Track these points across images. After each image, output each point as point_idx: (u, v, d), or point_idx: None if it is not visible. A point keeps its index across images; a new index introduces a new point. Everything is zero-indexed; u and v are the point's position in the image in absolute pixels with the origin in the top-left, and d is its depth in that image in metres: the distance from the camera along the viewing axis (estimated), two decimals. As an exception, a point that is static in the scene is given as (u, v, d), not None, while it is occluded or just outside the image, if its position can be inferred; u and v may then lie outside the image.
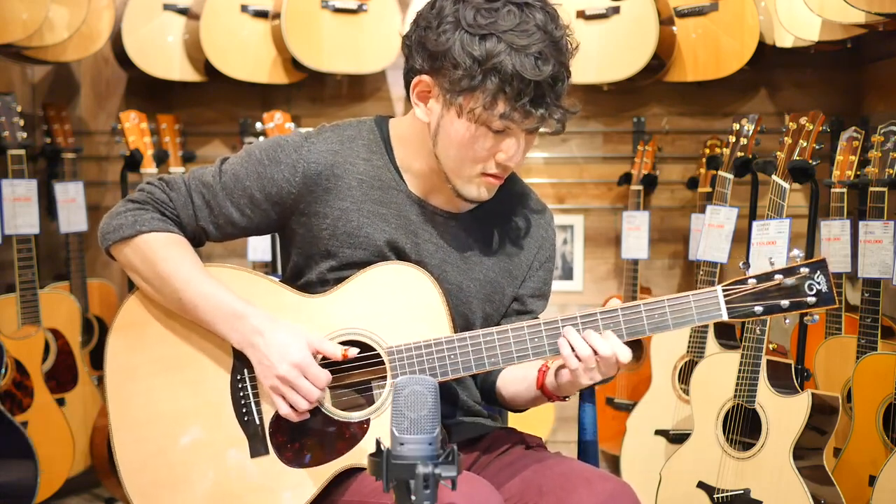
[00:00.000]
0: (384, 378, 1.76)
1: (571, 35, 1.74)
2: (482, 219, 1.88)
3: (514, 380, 1.90)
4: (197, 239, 1.89)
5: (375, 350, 1.76)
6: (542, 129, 1.75)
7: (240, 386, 1.79)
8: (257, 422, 1.77)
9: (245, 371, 1.79)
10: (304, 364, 1.71)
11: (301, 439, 1.76)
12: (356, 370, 1.77)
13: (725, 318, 1.70)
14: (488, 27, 1.66)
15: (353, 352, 1.73)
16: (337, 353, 1.72)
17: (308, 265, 1.86)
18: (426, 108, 1.77)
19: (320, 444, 1.75)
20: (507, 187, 1.88)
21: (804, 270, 1.70)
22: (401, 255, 1.83)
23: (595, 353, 1.66)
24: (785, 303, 1.70)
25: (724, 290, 1.70)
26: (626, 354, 1.68)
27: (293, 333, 1.73)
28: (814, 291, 1.70)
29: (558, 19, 1.71)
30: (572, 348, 1.67)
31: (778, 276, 1.70)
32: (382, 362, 1.76)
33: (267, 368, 1.72)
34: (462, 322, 1.87)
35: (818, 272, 1.70)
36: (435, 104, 1.75)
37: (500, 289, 1.91)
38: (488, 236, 1.90)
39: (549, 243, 1.97)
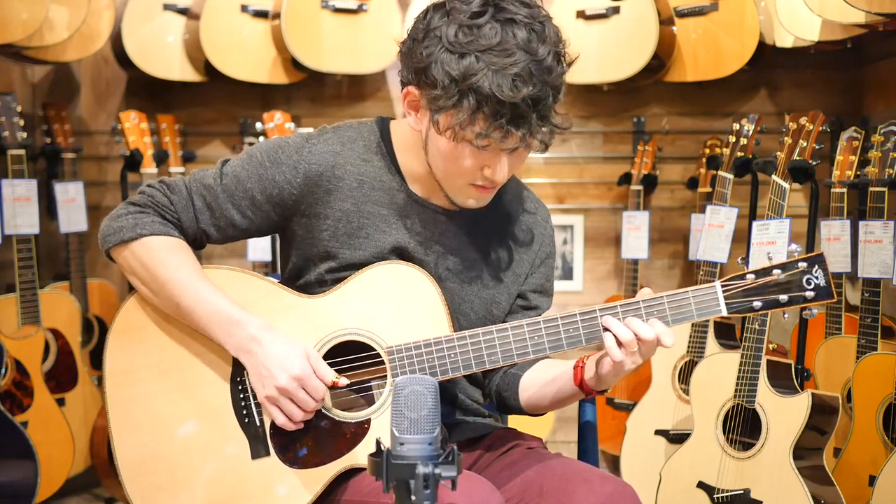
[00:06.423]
0: (384, 378, 1.76)
1: (565, 50, 1.69)
2: (483, 217, 1.88)
3: (541, 382, 1.87)
4: (198, 241, 1.88)
5: (375, 350, 1.76)
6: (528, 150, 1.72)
7: (240, 388, 1.79)
8: (258, 423, 1.77)
9: (244, 373, 1.78)
10: (304, 376, 1.70)
11: (302, 440, 1.75)
12: (356, 370, 1.77)
13: (724, 313, 1.70)
14: (468, 45, 1.63)
15: (343, 382, 1.73)
16: (328, 378, 1.72)
17: (307, 266, 1.86)
18: (416, 117, 1.76)
19: (321, 444, 1.75)
20: (505, 186, 1.88)
21: (802, 265, 1.70)
22: (402, 256, 1.83)
23: (637, 337, 1.66)
24: (783, 297, 1.70)
25: (722, 286, 1.71)
26: (668, 338, 1.67)
27: (291, 344, 1.72)
28: (812, 286, 1.70)
29: (545, 35, 1.65)
30: (616, 338, 1.67)
31: (776, 271, 1.71)
32: (382, 362, 1.76)
33: (265, 378, 1.72)
34: (464, 320, 1.87)
35: (816, 266, 1.70)
36: (423, 115, 1.75)
37: (503, 286, 1.91)
38: (490, 234, 1.90)
39: (549, 240, 1.97)
